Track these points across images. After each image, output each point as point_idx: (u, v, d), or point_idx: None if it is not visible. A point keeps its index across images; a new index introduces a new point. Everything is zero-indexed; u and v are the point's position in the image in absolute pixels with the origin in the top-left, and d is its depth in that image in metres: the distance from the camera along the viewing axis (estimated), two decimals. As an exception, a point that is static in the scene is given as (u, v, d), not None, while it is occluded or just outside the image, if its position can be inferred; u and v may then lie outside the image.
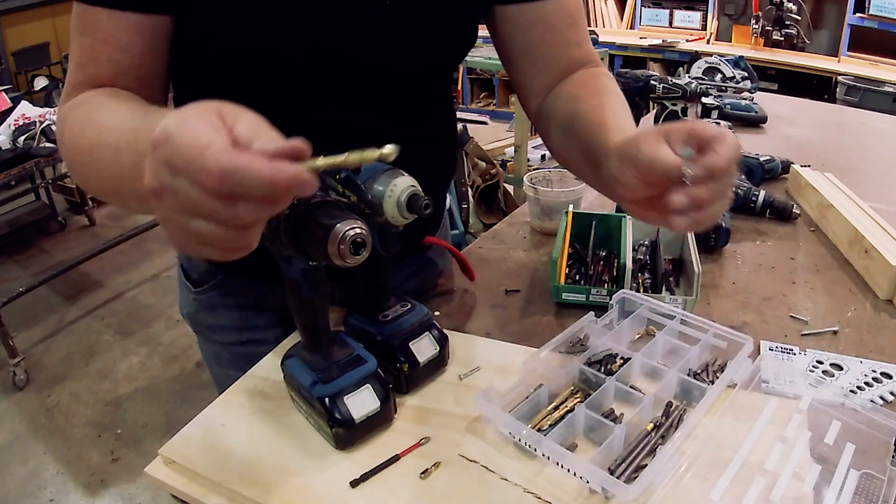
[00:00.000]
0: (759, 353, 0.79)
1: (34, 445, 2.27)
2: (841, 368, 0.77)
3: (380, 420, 0.66)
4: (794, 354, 0.80)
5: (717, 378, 0.69)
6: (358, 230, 0.54)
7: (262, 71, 0.70)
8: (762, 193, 1.15)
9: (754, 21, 4.20)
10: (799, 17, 4.07)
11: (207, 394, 0.83)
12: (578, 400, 0.68)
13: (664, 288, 0.91)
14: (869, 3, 3.74)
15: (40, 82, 4.22)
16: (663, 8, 4.76)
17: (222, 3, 0.65)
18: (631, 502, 0.56)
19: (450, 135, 0.94)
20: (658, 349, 0.77)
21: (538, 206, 1.13)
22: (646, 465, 0.60)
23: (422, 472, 0.62)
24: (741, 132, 1.53)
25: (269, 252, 0.63)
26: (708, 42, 4.53)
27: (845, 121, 1.80)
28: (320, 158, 0.42)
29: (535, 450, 0.63)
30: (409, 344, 0.72)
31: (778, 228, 1.13)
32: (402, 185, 0.61)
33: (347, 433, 0.64)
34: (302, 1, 0.67)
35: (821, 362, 0.78)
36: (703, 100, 1.69)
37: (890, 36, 3.73)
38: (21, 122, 2.80)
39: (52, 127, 2.69)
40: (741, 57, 1.97)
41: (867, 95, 3.39)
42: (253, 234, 0.44)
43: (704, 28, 4.60)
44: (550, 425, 0.66)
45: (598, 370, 0.72)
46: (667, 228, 0.63)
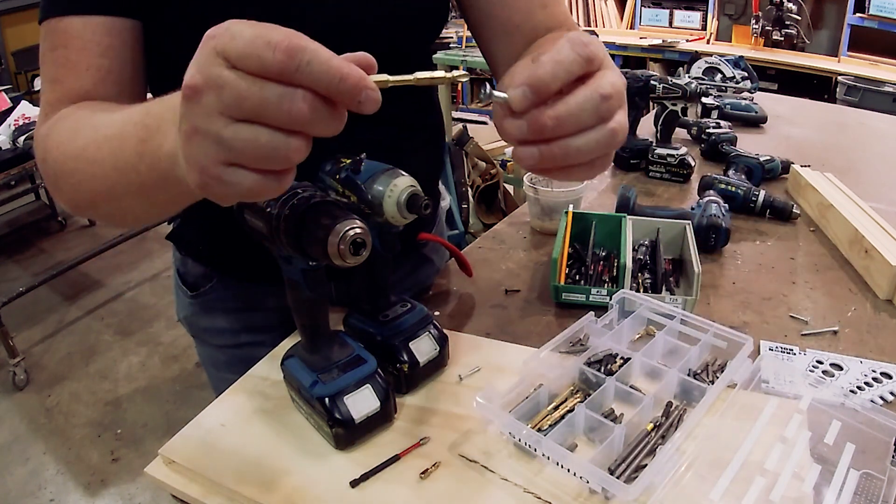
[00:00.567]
0: (759, 353, 0.79)
1: (34, 445, 2.27)
2: (841, 368, 0.77)
3: (380, 420, 0.66)
4: (794, 354, 0.79)
5: (717, 378, 0.69)
6: (358, 230, 0.54)
7: None
8: (762, 193, 1.15)
9: (754, 21, 4.20)
10: (799, 17, 4.07)
11: (207, 394, 0.83)
12: (578, 400, 0.68)
13: (664, 288, 0.91)
14: (869, 3, 3.74)
15: (40, 82, 4.22)
16: (663, 8, 4.75)
17: (191, 9, 0.64)
18: (631, 502, 0.56)
19: (434, 124, 0.93)
20: (658, 349, 0.77)
21: (538, 206, 1.13)
22: (646, 465, 0.60)
23: (422, 472, 0.62)
24: (741, 132, 1.53)
25: (266, 253, 0.63)
26: (708, 42, 4.52)
27: (845, 121, 1.80)
28: (387, 76, 0.40)
29: (535, 450, 0.63)
30: (409, 344, 0.72)
31: (778, 228, 1.13)
32: (401, 185, 0.61)
33: (347, 433, 0.64)
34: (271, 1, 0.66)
35: (821, 362, 0.78)
36: (703, 100, 1.69)
37: (890, 36, 3.73)
38: (21, 122, 2.80)
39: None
40: (741, 57, 1.97)
41: (867, 95, 3.38)
42: (296, 150, 0.39)
43: (704, 28, 4.60)
44: (550, 425, 0.66)
45: (598, 370, 0.72)
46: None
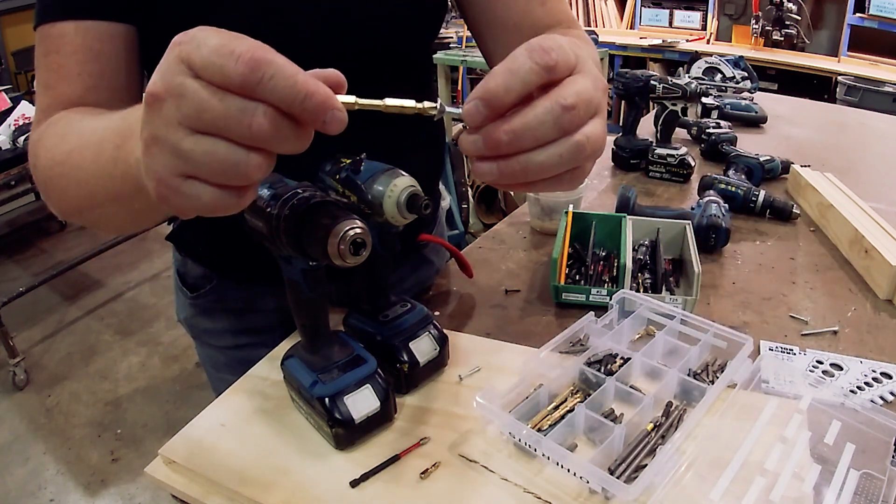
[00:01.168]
0: (759, 353, 0.79)
1: (34, 445, 2.27)
2: (841, 368, 0.77)
3: (380, 420, 0.66)
4: (794, 354, 0.79)
5: (717, 378, 0.69)
6: (358, 230, 0.54)
7: None
8: (762, 193, 1.15)
9: (754, 21, 4.20)
10: (799, 17, 4.07)
11: (207, 394, 0.83)
12: (578, 400, 0.68)
13: (664, 288, 0.91)
14: (869, 3, 3.74)
15: (36, 88, 4.21)
16: (663, 8, 4.75)
17: (188, 11, 0.64)
18: (631, 502, 0.56)
19: (434, 124, 0.93)
20: (658, 349, 0.77)
21: (538, 206, 1.13)
22: (646, 465, 0.60)
23: (422, 472, 0.62)
24: (741, 132, 1.53)
25: (266, 253, 0.63)
26: (708, 42, 4.52)
27: (845, 121, 1.80)
28: (356, 98, 0.39)
29: (535, 450, 0.63)
30: (409, 344, 0.71)
31: (778, 228, 1.13)
32: (401, 185, 0.61)
33: (347, 433, 0.64)
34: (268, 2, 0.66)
35: (821, 362, 0.78)
36: (703, 100, 1.69)
37: (890, 36, 3.73)
38: (21, 122, 2.81)
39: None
40: (741, 57, 1.97)
41: (867, 95, 3.38)
42: (256, 167, 0.37)
43: (704, 28, 4.60)
44: (550, 425, 0.66)
45: (598, 370, 0.72)
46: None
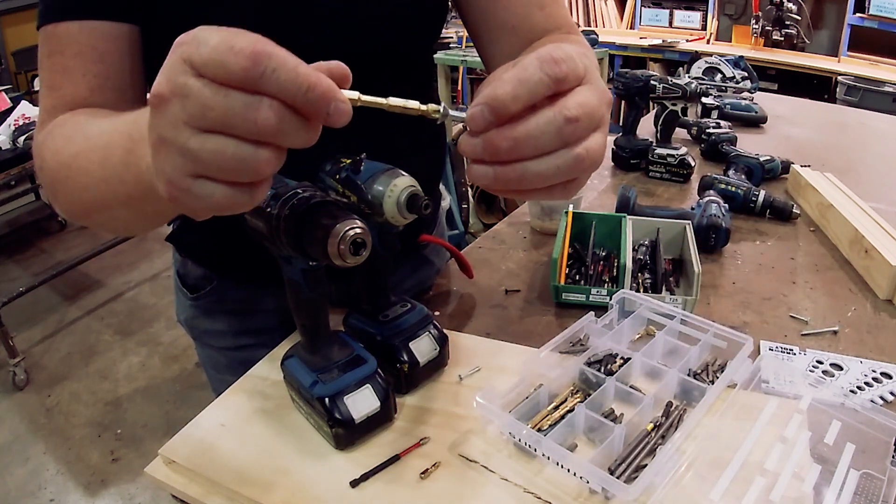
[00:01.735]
0: (759, 353, 0.79)
1: (34, 445, 2.27)
2: (841, 368, 0.77)
3: (380, 420, 0.66)
4: (794, 354, 0.79)
5: (717, 378, 0.69)
6: (358, 230, 0.54)
7: None
8: (762, 193, 1.15)
9: (754, 21, 4.20)
10: (799, 17, 4.07)
11: (207, 394, 0.83)
12: (578, 400, 0.68)
13: (664, 288, 0.91)
14: (869, 3, 3.74)
15: (39, 89, 4.21)
16: (663, 8, 4.75)
17: (189, 11, 0.64)
18: (631, 502, 0.56)
19: (435, 125, 0.93)
20: (658, 349, 0.77)
21: (538, 206, 1.13)
22: (646, 465, 0.60)
23: (422, 472, 0.62)
24: (741, 132, 1.53)
25: (266, 253, 0.63)
26: (708, 42, 4.52)
27: (845, 121, 1.80)
28: (359, 94, 0.39)
29: (535, 450, 0.63)
30: (409, 344, 0.71)
31: (778, 228, 1.13)
32: (401, 185, 0.61)
33: (347, 433, 0.64)
34: (269, 2, 0.66)
35: (821, 362, 0.78)
36: (703, 100, 1.69)
37: (890, 36, 3.73)
38: (21, 122, 2.81)
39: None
40: (741, 57, 1.97)
41: (867, 95, 3.39)
42: (266, 163, 0.37)
43: (704, 28, 4.60)
44: (550, 425, 0.66)
45: (598, 370, 0.72)
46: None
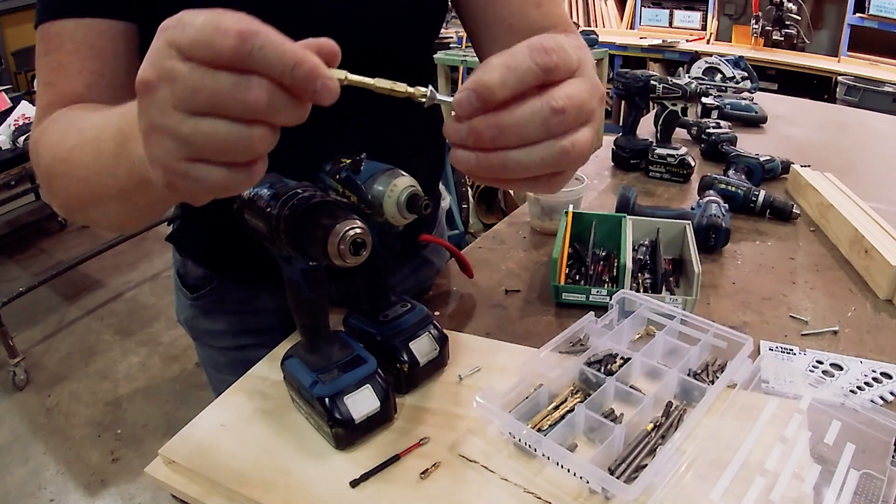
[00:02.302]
0: (759, 353, 0.79)
1: (34, 445, 2.27)
2: (841, 368, 0.77)
3: (380, 420, 0.66)
4: (794, 354, 0.79)
5: (717, 378, 0.69)
6: (358, 230, 0.54)
7: None
8: (762, 193, 1.15)
9: (754, 21, 4.20)
10: (799, 17, 4.07)
11: (207, 394, 0.83)
12: (578, 400, 0.68)
13: (664, 288, 0.91)
14: (869, 3, 3.74)
15: (36, 86, 4.22)
16: (663, 8, 4.76)
17: (188, 8, 0.64)
18: (631, 502, 0.56)
19: (436, 125, 0.93)
20: (658, 349, 0.77)
21: (538, 206, 1.13)
22: (646, 465, 0.60)
23: (422, 472, 0.62)
24: (741, 132, 1.53)
25: (266, 253, 0.63)
26: (708, 42, 4.53)
27: (845, 121, 1.80)
28: (347, 72, 0.39)
29: (535, 450, 0.63)
30: (409, 344, 0.71)
31: (778, 228, 1.13)
32: (401, 185, 0.61)
33: (347, 433, 0.64)
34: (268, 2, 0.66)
35: (821, 362, 0.78)
36: (703, 100, 1.69)
37: (890, 36, 3.73)
38: (21, 122, 2.81)
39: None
40: (741, 57, 1.98)
41: (867, 95, 3.39)
42: (260, 141, 0.37)
43: (704, 28, 4.60)
44: (550, 425, 0.66)
45: (598, 370, 0.72)
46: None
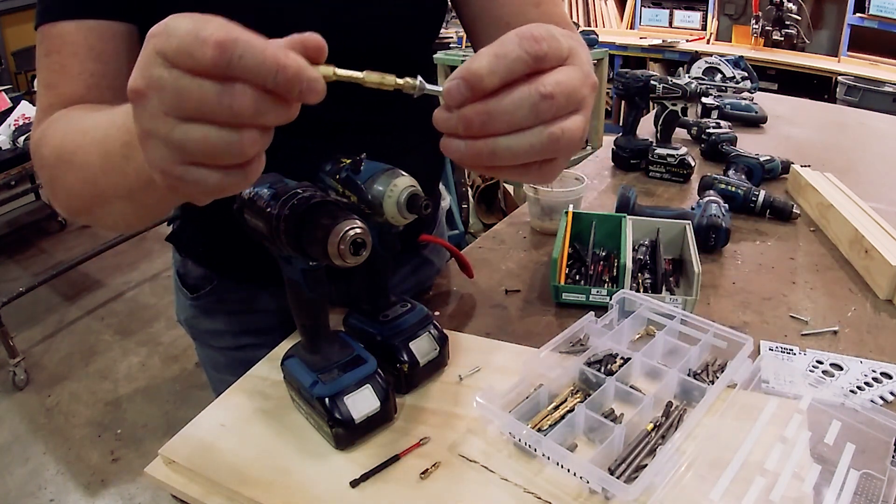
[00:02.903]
0: (759, 353, 0.79)
1: (34, 445, 2.27)
2: (841, 368, 0.77)
3: (380, 420, 0.66)
4: (794, 354, 0.79)
5: (717, 378, 0.69)
6: (358, 230, 0.54)
7: None
8: (762, 193, 1.15)
9: (754, 21, 4.20)
10: (799, 17, 4.07)
11: (207, 394, 0.83)
12: (578, 400, 0.68)
13: (664, 288, 0.91)
14: (869, 3, 3.74)
15: (37, 88, 4.22)
16: (663, 8, 4.76)
17: (186, 11, 0.64)
18: (631, 502, 0.56)
19: (433, 126, 0.94)
20: (658, 349, 0.77)
21: (538, 206, 1.13)
22: (646, 465, 0.60)
23: (422, 472, 0.62)
24: (741, 132, 1.53)
25: (266, 254, 0.63)
26: (708, 42, 4.53)
27: (845, 121, 1.80)
28: (335, 68, 0.38)
29: (535, 450, 0.63)
30: (409, 344, 0.71)
31: (778, 228, 1.13)
32: (401, 185, 0.61)
33: (347, 433, 0.64)
34: (269, 2, 0.66)
35: (821, 362, 0.78)
36: (703, 100, 1.69)
37: (890, 36, 3.74)
38: (21, 122, 2.81)
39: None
40: (741, 57, 1.97)
41: (867, 95, 3.39)
42: (250, 144, 0.37)
43: (704, 28, 4.60)
44: (550, 425, 0.66)
45: (598, 370, 0.72)
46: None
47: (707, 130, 1.46)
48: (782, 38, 4.13)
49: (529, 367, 0.72)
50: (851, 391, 0.73)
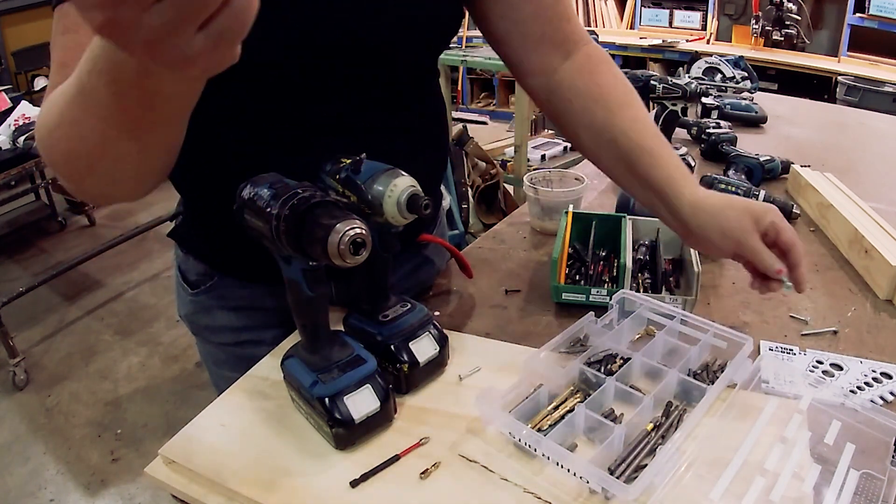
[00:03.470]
0: (759, 353, 0.79)
1: (34, 445, 2.27)
2: (841, 368, 0.77)
3: (380, 420, 0.66)
4: (794, 354, 0.79)
5: (717, 378, 0.69)
6: (358, 230, 0.54)
7: (250, 71, 0.69)
8: (762, 193, 1.15)
9: (754, 21, 4.20)
10: (799, 17, 4.07)
11: (207, 394, 0.83)
12: (578, 400, 0.68)
13: (664, 288, 0.91)
14: (869, 3, 3.74)
15: (40, 82, 4.21)
16: (663, 8, 4.76)
17: None
18: (631, 502, 0.56)
19: (439, 127, 0.94)
20: (658, 349, 0.77)
21: (538, 206, 1.13)
22: (646, 465, 0.60)
23: (422, 472, 0.62)
24: (741, 132, 1.53)
25: (266, 253, 0.63)
26: (708, 42, 4.53)
27: (845, 121, 1.80)
28: None
29: (535, 450, 0.63)
30: (409, 344, 0.72)
31: (778, 228, 1.13)
32: (402, 185, 0.61)
33: (347, 433, 0.64)
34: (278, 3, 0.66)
35: (821, 362, 0.78)
36: (703, 100, 1.69)
37: (890, 36, 3.73)
38: (21, 122, 2.80)
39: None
40: (741, 57, 1.97)
41: (867, 95, 3.39)
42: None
43: (704, 28, 4.60)
44: (550, 425, 0.66)
45: (598, 370, 0.72)
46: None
47: (707, 130, 1.46)
48: (782, 38, 4.13)
49: (529, 367, 0.72)
50: (851, 391, 0.73)
